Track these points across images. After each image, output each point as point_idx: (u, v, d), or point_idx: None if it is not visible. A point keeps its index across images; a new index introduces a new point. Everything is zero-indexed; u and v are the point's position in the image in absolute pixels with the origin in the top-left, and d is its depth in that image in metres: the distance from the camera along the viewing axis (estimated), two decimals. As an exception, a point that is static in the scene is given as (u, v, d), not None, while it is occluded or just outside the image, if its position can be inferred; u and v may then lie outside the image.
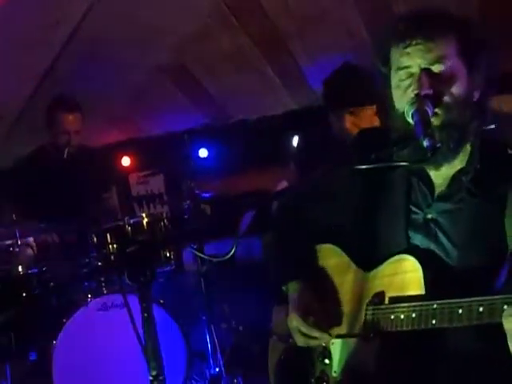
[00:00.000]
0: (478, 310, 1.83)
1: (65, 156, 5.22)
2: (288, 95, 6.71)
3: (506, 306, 1.78)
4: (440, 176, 2.20)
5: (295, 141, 4.29)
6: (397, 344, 2.07)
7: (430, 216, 2.19)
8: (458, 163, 2.17)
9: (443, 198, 2.19)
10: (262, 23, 5.57)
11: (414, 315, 1.99)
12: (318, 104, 4.37)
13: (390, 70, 2.21)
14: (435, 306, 1.94)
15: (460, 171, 2.16)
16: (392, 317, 2.07)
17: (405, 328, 2.02)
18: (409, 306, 2.02)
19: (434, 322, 1.94)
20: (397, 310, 2.06)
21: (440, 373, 2.05)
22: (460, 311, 1.87)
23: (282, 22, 5.60)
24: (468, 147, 2.16)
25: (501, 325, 1.80)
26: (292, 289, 2.43)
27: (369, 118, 3.77)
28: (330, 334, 2.30)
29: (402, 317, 2.03)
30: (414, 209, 2.23)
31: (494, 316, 1.81)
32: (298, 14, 5.50)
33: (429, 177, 2.22)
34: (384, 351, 2.09)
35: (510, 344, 1.81)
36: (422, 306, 1.98)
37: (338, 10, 5.42)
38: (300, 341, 2.34)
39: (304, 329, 2.30)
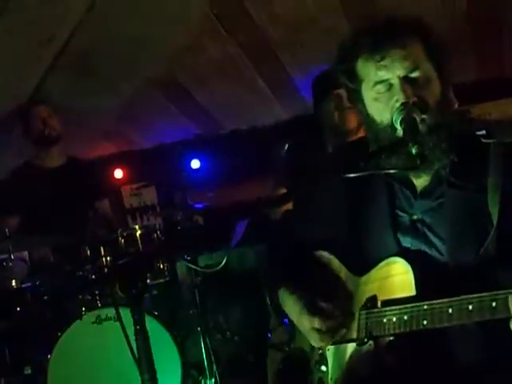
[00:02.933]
0: (467, 308, 1.84)
1: (46, 134, 5.28)
2: (278, 105, 6.73)
3: (494, 303, 1.79)
4: (420, 177, 2.21)
5: (284, 150, 4.30)
6: (391, 348, 2.07)
7: (415, 217, 2.21)
8: (437, 162, 2.18)
9: (425, 195, 2.20)
10: (251, 33, 5.58)
11: (405, 317, 2.00)
12: (309, 113, 4.39)
13: (358, 84, 2.21)
14: (425, 306, 1.95)
15: (440, 167, 2.17)
16: (384, 320, 2.07)
17: (397, 331, 2.03)
18: (400, 309, 2.03)
19: (425, 322, 1.94)
20: (389, 313, 2.07)
21: (437, 377, 2.04)
22: (450, 311, 1.88)
23: (271, 32, 5.61)
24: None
25: (498, 323, 1.80)
26: (287, 298, 2.42)
27: None
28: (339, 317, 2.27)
29: (395, 319, 2.04)
30: (399, 213, 2.24)
31: (483, 313, 1.81)
32: (287, 24, 5.51)
33: (409, 179, 2.24)
34: (379, 355, 2.09)
35: None
36: (413, 307, 1.99)
37: (326, 18, 5.43)
38: (316, 339, 2.29)
39: (317, 323, 2.25)
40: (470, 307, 1.83)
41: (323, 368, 2.33)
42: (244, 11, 5.37)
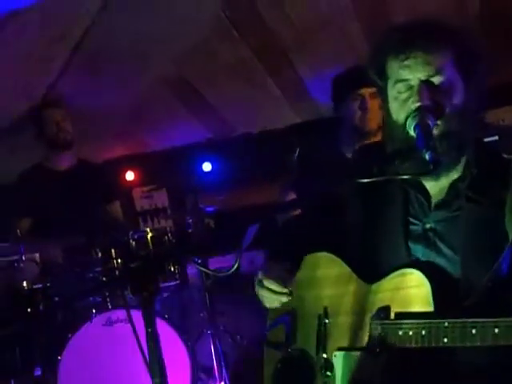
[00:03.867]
0: (493, 331, 1.81)
1: (60, 138, 5.29)
2: (290, 108, 6.72)
3: None
4: (436, 186, 2.20)
5: (296, 154, 4.29)
6: (404, 359, 2.04)
7: (428, 226, 2.19)
8: (455, 173, 2.18)
9: (441, 206, 2.19)
10: (262, 35, 5.57)
11: (423, 332, 1.96)
12: (321, 117, 4.39)
13: (386, 82, 2.21)
14: (446, 324, 1.91)
15: (457, 180, 2.16)
16: (400, 333, 2.03)
17: (414, 345, 1.99)
18: (418, 323, 1.99)
19: (445, 340, 1.90)
20: (405, 326, 2.03)
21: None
22: (474, 331, 1.84)
23: (283, 34, 5.61)
24: (464, 156, 2.17)
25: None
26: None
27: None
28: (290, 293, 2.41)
29: (411, 333, 2.00)
30: (412, 220, 2.23)
31: (510, 338, 1.78)
32: (299, 26, 5.51)
33: (425, 188, 2.22)
34: (391, 366, 2.06)
35: None
36: (431, 323, 1.95)
37: (338, 21, 5.43)
38: (269, 301, 2.48)
39: (268, 283, 2.43)
40: (496, 331, 1.80)
41: (328, 373, 2.29)
42: (256, 13, 5.37)
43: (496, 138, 2.41)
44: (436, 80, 2.10)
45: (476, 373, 2.00)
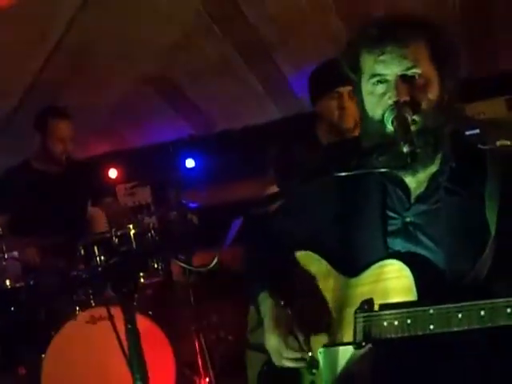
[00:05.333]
0: (479, 313, 1.83)
1: (63, 164, 5.18)
2: (272, 104, 6.72)
3: (509, 310, 1.79)
4: (415, 180, 2.20)
5: (277, 148, 4.29)
6: (391, 350, 2.05)
7: (408, 220, 2.19)
8: (433, 166, 2.18)
9: (420, 200, 2.19)
10: (244, 32, 5.58)
11: (408, 321, 1.97)
12: (303, 112, 4.39)
13: (360, 77, 2.21)
14: (431, 311, 1.93)
15: (436, 173, 2.17)
16: (385, 323, 2.04)
17: (400, 334, 2.00)
18: (402, 312, 2.00)
19: (431, 327, 1.92)
20: (389, 316, 2.03)
21: (436, 380, 2.04)
22: (460, 316, 1.87)
23: (265, 31, 5.62)
24: (441, 150, 2.17)
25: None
26: (264, 304, 2.40)
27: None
28: (309, 351, 2.28)
29: (396, 323, 2.01)
30: (391, 214, 2.23)
31: (496, 319, 1.81)
32: (280, 22, 5.52)
33: (404, 182, 2.22)
34: (378, 358, 2.07)
35: None
36: (416, 311, 1.96)
37: (319, 16, 5.44)
38: (279, 361, 2.32)
39: (284, 352, 2.28)
40: (482, 313, 1.83)
41: (314, 371, 2.29)
42: (238, 10, 5.37)
43: (477, 131, 2.41)
44: (412, 74, 2.10)
45: (467, 364, 2.01)
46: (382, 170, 2.14)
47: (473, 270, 2.01)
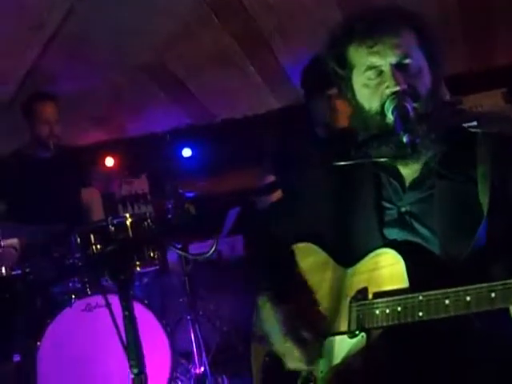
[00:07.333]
0: (465, 299, 1.83)
1: (51, 147, 5.18)
2: (270, 94, 6.72)
3: (493, 294, 1.79)
4: (409, 168, 2.21)
5: (274, 138, 4.30)
6: (384, 340, 2.05)
7: (403, 209, 2.19)
8: (430, 153, 2.17)
9: (414, 187, 2.20)
10: (243, 22, 5.57)
11: (399, 309, 1.98)
12: (301, 103, 4.39)
13: (347, 71, 2.20)
14: (420, 297, 1.93)
15: (428, 159, 2.17)
16: (377, 312, 2.05)
17: (391, 322, 2.00)
18: (394, 300, 2.00)
19: (420, 314, 1.92)
20: (381, 304, 2.04)
21: (430, 369, 2.03)
22: (447, 302, 1.87)
23: (264, 20, 5.60)
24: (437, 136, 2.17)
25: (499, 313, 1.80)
26: (264, 309, 2.39)
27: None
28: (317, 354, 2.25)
29: (388, 311, 2.01)
30: (386, 205, 2.23)
31: (481, 305, 1.81)
32: (279, 12, 5.50)
33: (398, 171, 2.23)
34: (371, 347, 2.07)
35: None
36: (407, 298, 1.97)
37: (318, 7, 5.43)
38: (291, 363, 2.28)
39: (297, 353, 2.25)
40: (468, 298, 1.83)
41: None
42: (237, 0, 5.36)
43: (475, 123, 2.41)
44: (406, 63, 2.11)
45: (461, 353, 2.02)
46: (382, 159, 2.14)
47: (468, 253, 2.02)
